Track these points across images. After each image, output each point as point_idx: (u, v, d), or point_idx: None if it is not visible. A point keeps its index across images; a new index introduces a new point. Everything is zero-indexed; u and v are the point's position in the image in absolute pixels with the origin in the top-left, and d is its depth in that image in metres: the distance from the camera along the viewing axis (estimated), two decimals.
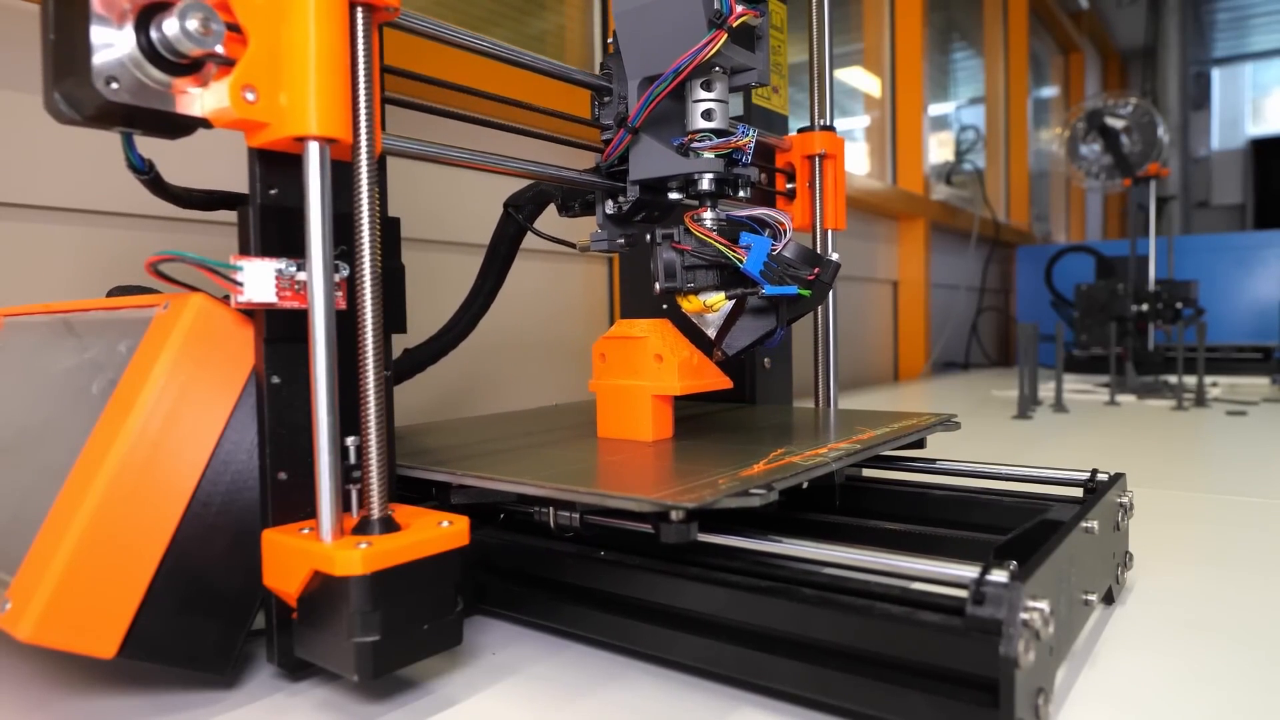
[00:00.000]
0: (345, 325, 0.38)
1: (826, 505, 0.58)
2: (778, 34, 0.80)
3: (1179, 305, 1.89)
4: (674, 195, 0.54)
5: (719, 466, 0.45)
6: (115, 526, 0.36)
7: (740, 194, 0.55)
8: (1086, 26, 4.39)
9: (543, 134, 0.57)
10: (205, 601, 0.38)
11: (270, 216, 0.39)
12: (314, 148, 0.36)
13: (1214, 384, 1.95)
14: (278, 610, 0.39)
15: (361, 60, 0.37)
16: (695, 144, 0.52)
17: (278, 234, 0.39)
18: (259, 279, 0.38)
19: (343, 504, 0.38)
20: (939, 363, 2.57)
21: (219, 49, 0.36)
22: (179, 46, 0.35)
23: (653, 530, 0.41)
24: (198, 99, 0.37)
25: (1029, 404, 1.46)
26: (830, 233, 0.79)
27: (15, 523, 0.39)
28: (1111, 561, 0.50)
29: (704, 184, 0.52)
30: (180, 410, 0.38)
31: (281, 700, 0.40)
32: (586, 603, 0.45)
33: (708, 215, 0.53)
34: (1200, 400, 1.57)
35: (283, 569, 0.38)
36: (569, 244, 0.68)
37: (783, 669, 0.37)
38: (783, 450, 0.50)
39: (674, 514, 0.39)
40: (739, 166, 0.54)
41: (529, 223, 0.67)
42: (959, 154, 2.92)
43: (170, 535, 0.37)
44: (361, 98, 0.37)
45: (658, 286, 0.54)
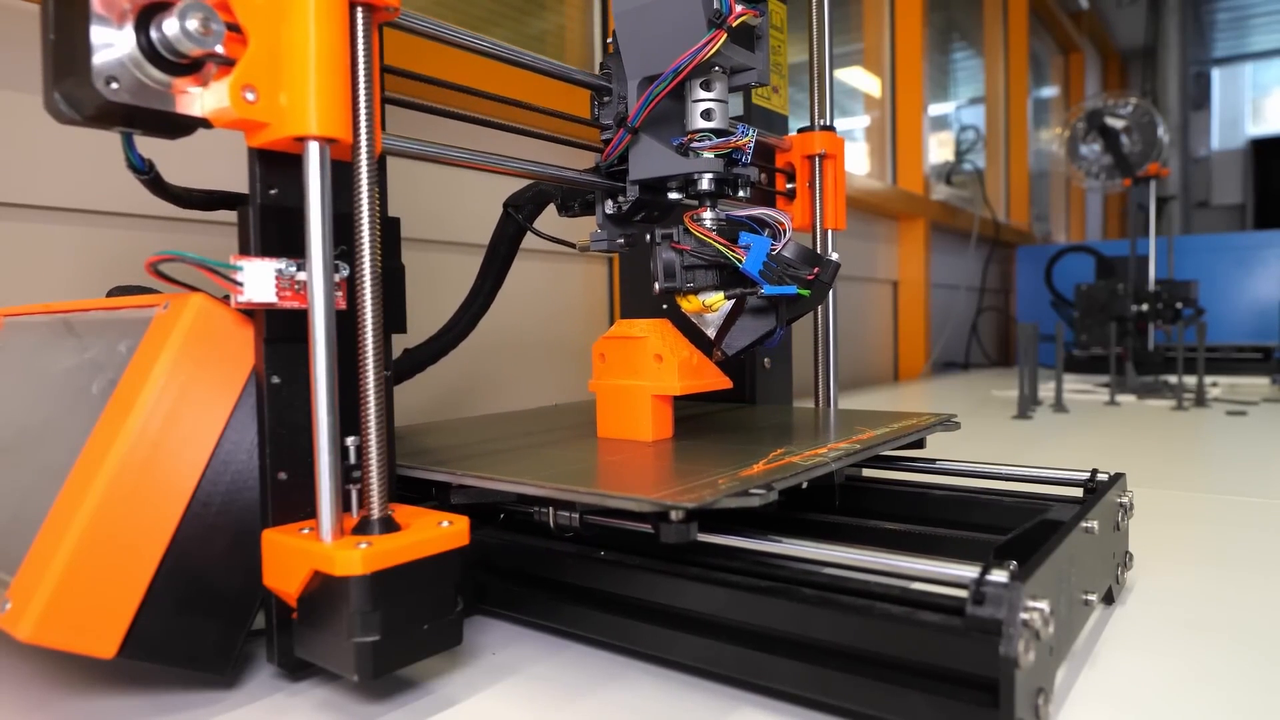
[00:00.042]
0: (345, 325, 0.38)
1: (826, 505, 0.58)
2: (777, 34, 0.80)
3: (1179, 305, 1.89)
4: (673, 195, 0.54)
5: (719, 466, 0.45)
6: (115, 526, 0.36)
7: (740, 194, 0.55)
8: (1086, 26, 4.39)
9: (542, 134, 0.57)
10: (205, 601, 0.38)
11: (270, 216, 0.39)
12: (314, 148, 0.36)
13: (1214, 384, 1.95)
14: (278, 610, 0.39)
15: (361, 60, 0.37)
16: (695, 144, 0.52)
17: (278, 234, 0.39)
18: (259, 279, 0.38)
19: (343, 504, 0.38)
20: (939, 363, 2.57)
21: (219, 49, 0.36)
22: (179, 46, 0.35)
23: (652, 530, 0.41)
24: (198, 99, 0.37)
25: (1029, 404, 1.46)
26: (830, 233, 0.79)
27: (15, 523, 0.39)
28: (1111, 561, 0.50)
29: (703, 184, 0.52)
30: (180, 410, 0.38)
31: (281, 700, 0.40)
32: (586, 603, 0.45)
33: (707, 215, 0.53)
34: (1200, 400, 1.57)
35: (283, 569, 0.38)
36: (569, 244, 0.68)
37: (783, 669, 0.37)
38: (782, 450, 0.50)
39: (674, 514, 0.39)
40: (738, 166, 0.54)
41: (529, 223, 0.67)
42: (959, 154, 2.92)
43: (170, 535, 0.37)
44: (361, 98, 0.37)
45: (657, 286, 0.54)
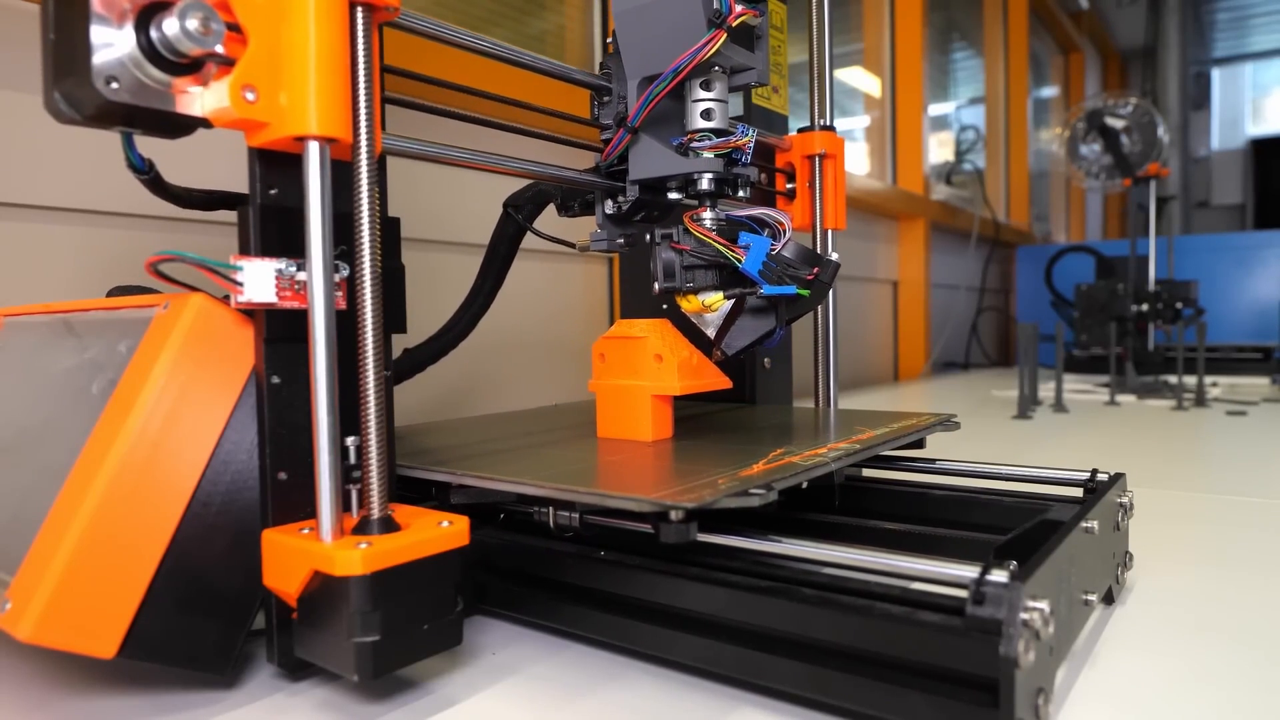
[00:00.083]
0: (345, 325, 0.38)
1: (826, 505, 0.58)
2: (777, 34, 0.80)
3: (1179, 305, 1.89)
4: (673, 195, 0.54)
5: (719, 466, 0.45)
6: (115, 526, 0.36)
7: (740, 194, 0.55)
8: (1086, 26, 4.39)
9: (542, 134, 0.57)
10: (205, 601, 0.38)
11: (270, 216, 0.39)
12: (314, 147, 0.36)
13: (1214, 384, 1.95)
14: (278, 610, 0.39)
15: (361, 60, 0.37)
16: (694, 144, 0.52)
17: (278, 234, 0.39)
18: (259, 279, 0.38)
19: (343, 504, 0.38)
20: (939, 363, 2.57)
21: (219, 48, 0.36)
22: (179, 46, 0.35)
23: (652, 530, 0.41)
24: (198, 99, 0.37)
25: (1029, 404, 1.46)
26: (830, 232, 0.79)
27: (15, 523, 0.39)
28: (1111, 561, 0.50)
29: (703, 184, 0.52)
30: (180, 410, 0.38)
31: (281, 700, 0.40)
32: (586, 603, 0.45)
33: (707, 215, 0.53)
34: (1200, 400, 1.57)
35: (283, 569, 0.38)
36: (568, 244, 0.68)
37: (783, 669, 0.37)
38: (782, 450, 0.50)
39: (673, 514, 0.39)
40: (738, 166, 0.54)
41: (528, 223, 0.67)
42: (959, 154, 2.92)
43: (170, 535, 0.37)
44: (361, 97, 0.37)
45: (657, 286, 0.54)
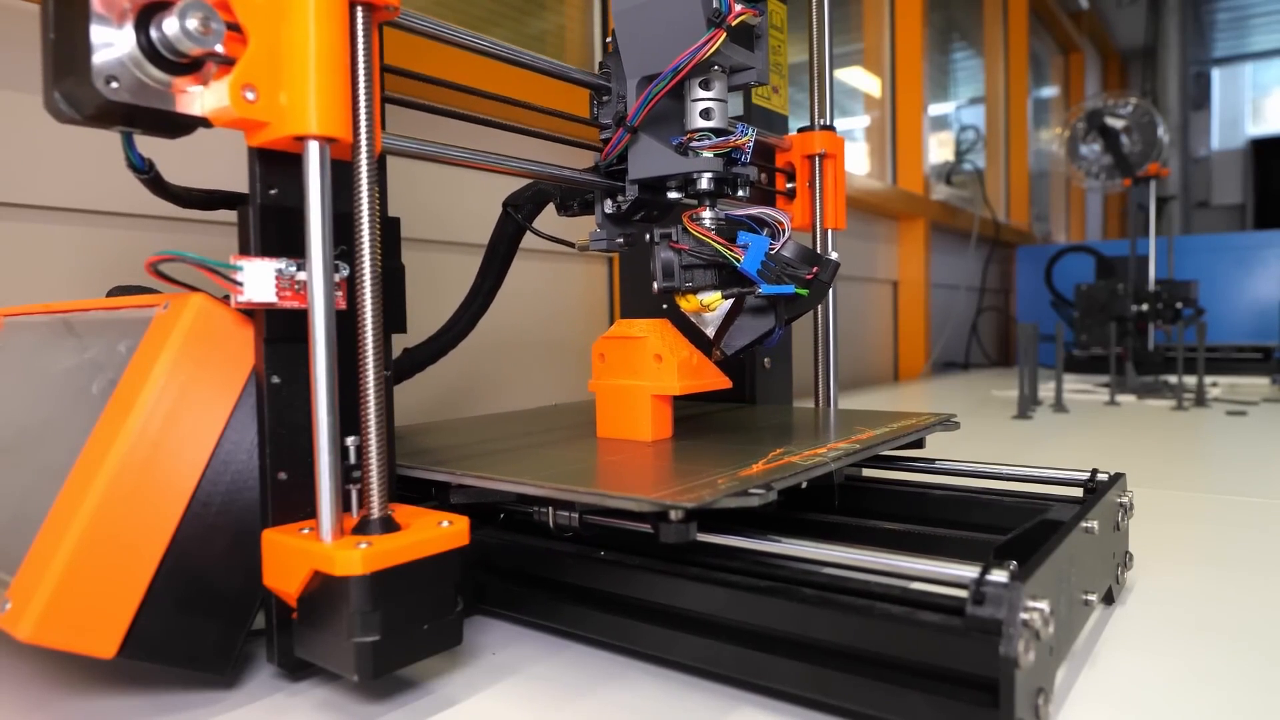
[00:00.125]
0: (345, 325, 0.38)
1: (826, 505, 0.58)
2: (777, 34, 0.80)
3: (1179, 305, 1.89)
4: (673, 194, 0.54)
5: (718, 466, 0.45)
6: (115, 526, 0.36)
7: (739, 193, 0.55)
8: (1086, 26, 4.39)
9: (542, 133, 0.57)
10: (205, 601, 0.38)
11: (270, 216, 0.39)
12: (314, 147, 0.36)
13: (1214, 384, 1.95)
14: (278, 610, 0.39)
15: (361, 59, 0.37)
16: (694, 143, 0.52)
17: (278, 234, 0.39)
18: (259, 279, 0.38)
19: (343, 504, 0.38)
20: (939, 363, 2.57)
21: (219, 48, 0.36)
22: (179, 46, 0.35)
23: (652, 530, 0.41)
24: (198, 98, 0.37)
25: (1029, 404, 1.46)
26: (830, 232, 0.79)
27: (15, 523, 0.39)
28: (1111, 561, 0.50)
29: (703, 183, 0.52)
30: (180, 410, 0.38)
31: (281, 700, 0.40)
32: (586, 603, 0.45)
33: (706, 214, 0.53)
34: (1200, 400, 1.57)
35: (283, 569, 0.38)
36: (568, 243, 0.68)
37: (783, 669, 0.37)
38: (782, 450, 0.50)
39: (673, 514, 0.39)
40: (738, 165, 0.54)
41: (528, 222, 0.67)
42: (959, 154, 2.92)
43: (170, 535, 0.37)
44: (361, 97, 0.37)
45: (656, 286, 0.54)
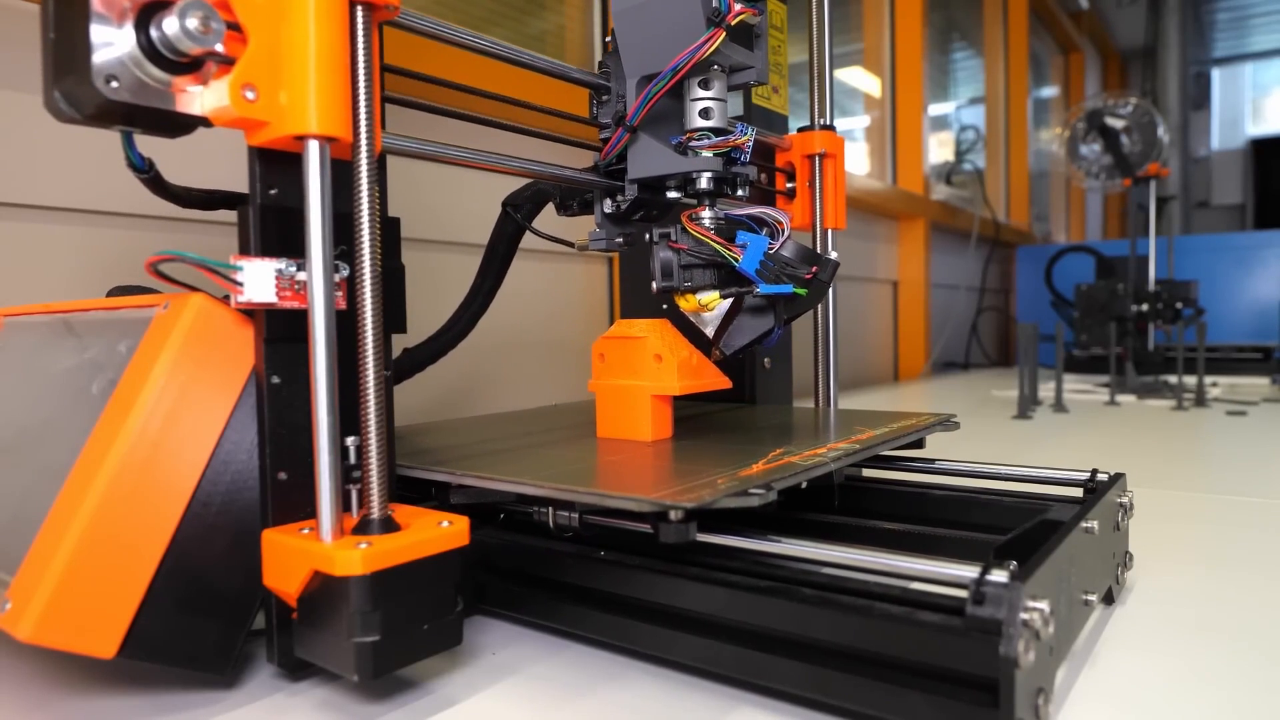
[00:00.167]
0: (345, 325, 0.38)
1: (826, 505, 0.58)
2: (777, 34, 0.80)
3: (1179, 305, 1.89)
4: (672, 194, 0.54)
5: (718, 466, 0.45)
6: (115, 526, 0.36)
7: (739, 193, 0.55)
8: (1086, 26, 4.39)
9: (541, 133, 0.57)
10: (205, 601, 0.38)
11: (270, 216, 0.39)
12: (314, 146, 0.36)
13: (1214, 384, 1.95)
14: (278, 610, 0.39)
15: (361, 59, 0.37)
16: (693, 142, 0.52)
17: (278, 234, 0.39)
18: (259, 279, 0.38)
19: (343, 504, 0.38)
20: (939, 363, 2.57)
21: (219, 47, 0.36)
22: (179, 45, 0.35)
23: (652, 530, 0.41)
24: (198, 97, 0.37)
25: (1029, 404, 1.46)
26: (830, 232, 0.79)
27: (15, 523, 0.39)
28: (1111, 561, 0.50)
29: (702, 182, 0.52)
30: (180, 410, 0.38)
31: (281, 700, 0.40)
32: (586, 603, 0.45)
33: (706, 214, 0.53)
34: (1200, 400, 1.57)
35: (283, 569, 0.38)
36: (568, 243, 0.68)
37: (782, 669, 0.37)
38: (782, 450, 0.50)
39: (673, 514, 0.39)
40: (737, 165, 0.53)
41: (527, 222, 0.67)
42: (959, 154, 2.92)
43: (170, 535, 0.37)
44: (361, 96, 0.37)
45: (655, 285, 0.54)
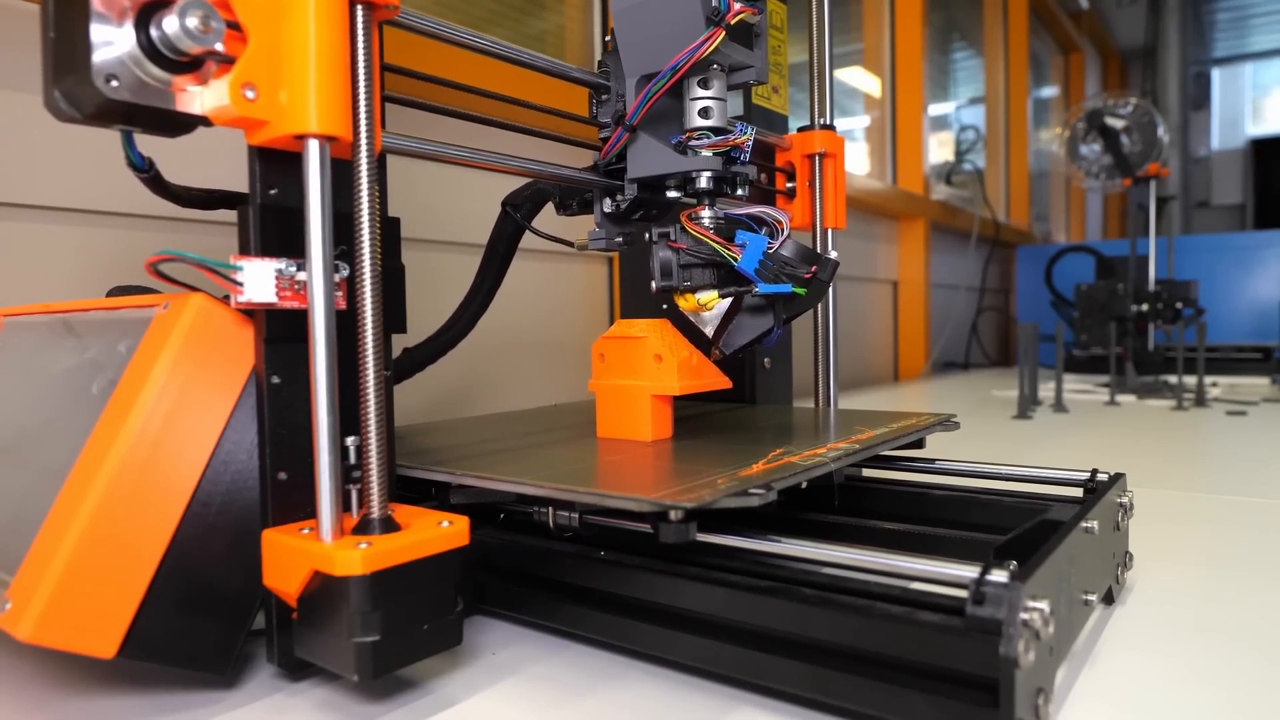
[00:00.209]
0: (345, 325, 0.38)
1: (826, 505, 0.57)
2: (777, 34, 0.80)
3: (1179, 305, 1.89)
4: (672, 193, 0.54)
5: (718, 466, 0.45)
6: (115, 526, 0.35)
7: (738, 192, 0.55)
8: (1086, 26, 4.39)
9: (541, 132, 0.56)
10: (205, 601, 0.38)
11: (270, 216, 0.39)
12: (314, 146, 0.36)
13: (1214, 384, 1.95)
14: (278, 610, 0.39)
15: (361, 58, 0.37)
16: (693, 142, 0.52)
17: (278, 234, 0.39)
18: (259, 279, 0.38)
19: (343, 504, 0.38)
20: (939, 363, 2.56)
21: (219, 47, 0.36)
22: (179, 44, 0.35)
23: (652, 530, 0.41)
24: (197, 97, 0.37)
25: (1029, 404, 1.46)
26: (830, 231, 0.79)
27: (15, 523, 0.39)
28: (1111, 561, 0.50)
29: (702, 182, 0.52)
30: (180, 410, 0.38)
31: (281, 700, 0.40)
32: (586, 603, 0.45)
33: (705, 213, 0.53)
34: (1200, 400, 1.57)
35: (283, 569, 0.38)
36: (567, 242, 0.68)
37: (782, 669, 0.37)
38: (782, 450, 0.50)
39: (673, 514, 0.39)
40: (737, 164, 0.53)
41: (527, 221, 0.67)
42: (959, 154, 2.92)
43: (170, 535, 0.37)
44: (361, 96, 0.37)
45: (654, 285, 0.54)
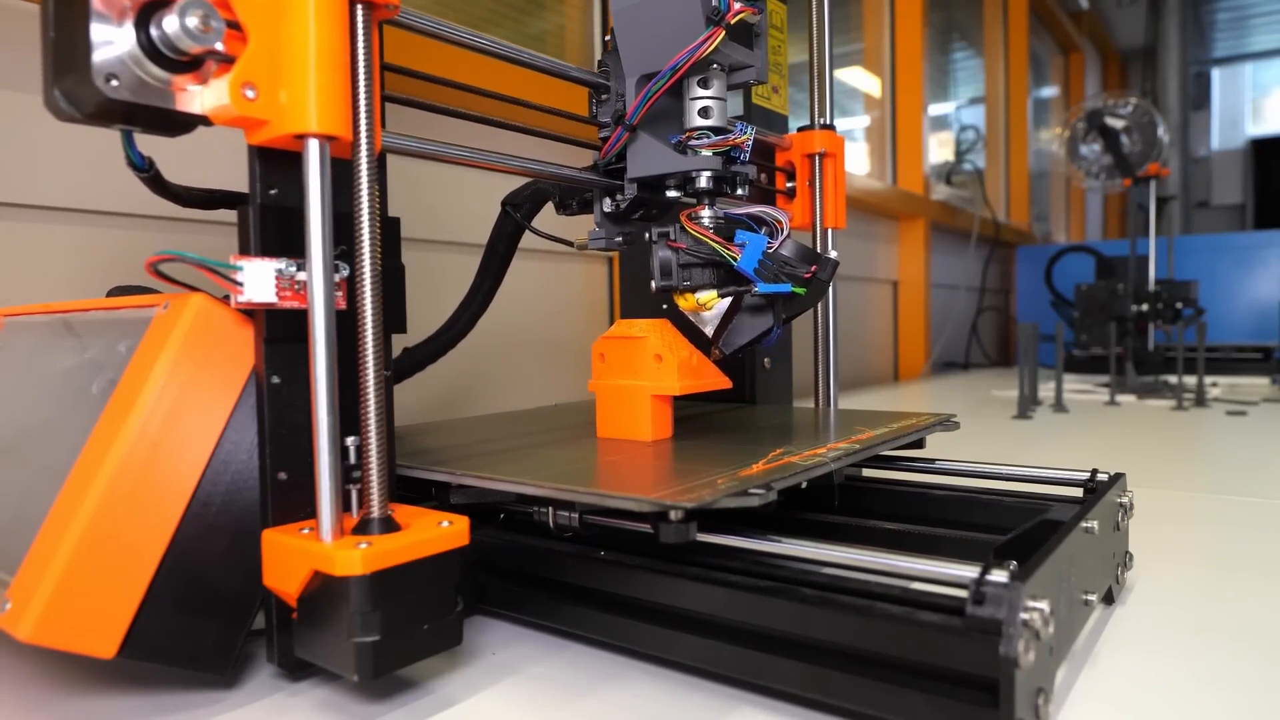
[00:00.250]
0: (345, 325, 0.38)
1: (826, 505, 0.57)
2: (777, 34, 0.80)
3: (1179, 305, 1.89)
4: (671, 193, 0.54)
5: (718, 466, 0.45)
6: (115, 526, 0.35)
7: (738, 192, 0.55)
8: (1086, 26, 4.39)
9: (541, 132, 0.56)
10: (205, 601, 0.38)
11: (270, 216, 0.39)
12: (314, 145, 0.36)
13: (1214, 384, 1.95)
14: (278, 610, 0.39)
15: (361, 57, 0.37)
16: (693, 141, 0.52)
17: (278, 234, 0.39)
18: (259, 279, 0.38)
19: (343, 504, 0.38)
20: (939, 363, 2.56)
21: (219, 46, 0.36)
22: (179, 44, 0.35)
23: (652, 530, 0.41)
24: (197, 96, 0.37)
25: (1029, 404, 1.46)
26: (830, 231, 0.79)
27: (15, 523, 0.39)
28: (1111, 561, 0.50)
29: (701, 181, 0.52)
30: (180, 410, 0.38)
31: (281, 700, 0.40)
32: (586, 603, 0.45)
33: (705, 213, 0.53)
34: (1200, 400, 1.57)
35: (283, 569, 0.38)
36: (567, 242, 0.68)
37: (782, 669, 0.37)
38: (782, 450, 0.50)
39: (673, 514, 0.39)
40: (737, 164, 0.53)
41: (527, 221, 0.67)
42: (959, 154, 2.92)
43: (170, 535, 0.37)
44: (361, 95, 0.37)
45: (654, 285, 0.54)
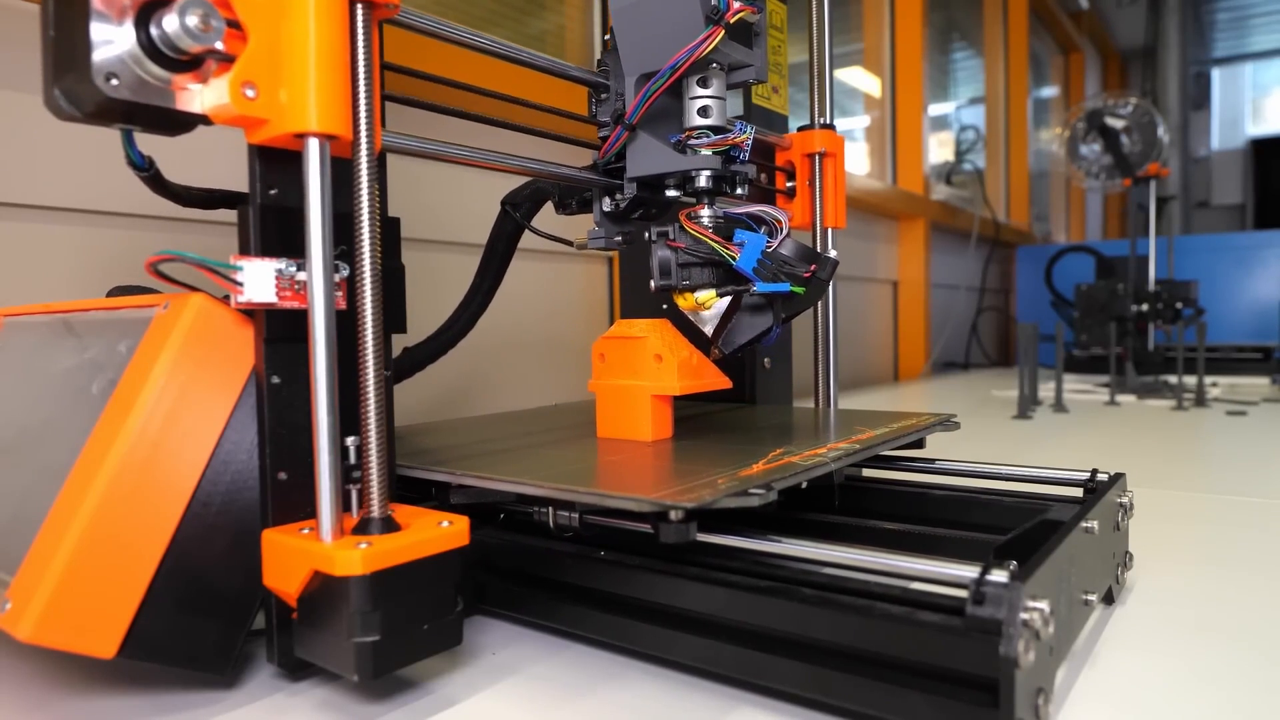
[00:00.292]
0: (345, 325, 0.38)
1: (826, 505, 0.57)
2: (777, 34, 0.80)
3: (1179, 305, 1.89)
4: (671, 192, 0.54)
5: (718, 466, 0.45)
6: (115, 526, 0.35)
7: (738, 191, 0.55)
8: (1086, 26, 4.39)
9: (541, 131, 0.56)
10: (205, 601, 0.38)
11: (270, 216, 0.39)
12: (314, 144, 0.36)
13: (1214, 384, 1.95)
14: (278, 610, 0.39)
15: (361, 57, 0.37)
16: (692, 141, 0.52)
17: (278, 233, 0.39)
18: (259, 279, 0.38)
19: (343, 504, 0.38)
20: (939, 363, 2.56)
21: (219, 45, 0.36)
22: (179, 43, 0.35)
23: (652, 530, 0.41)
24: (197, 95, 0.37)
25: (1029, 404, 1.46)
26: (830, 231, 0.79)
27: (15, 523, 0.39)
28: (1111, 561, 0.50)
29: (701, 181, 0.52)
30: (180, 410, 0.38)
31: (281, 700, 0.40)
32: (586, 603, 0.45)
33: (704, 212, 0.53)
34: (1200, 400, 1.57)
35: (283, 569, 0.38)
36: (567, 242, 0.68)
37: (782, 669, 0.37)
38: (782, 450, 0.50)
39: (673, 514, 0.39)
40: (736, 163, 0.53)
41: (526, 220, 0.67)
42: (959, 154, 2.92)
43: (170, 535, 0.37)
44: (361, 94, 0.37)
45: (653, 284, 0.54)
